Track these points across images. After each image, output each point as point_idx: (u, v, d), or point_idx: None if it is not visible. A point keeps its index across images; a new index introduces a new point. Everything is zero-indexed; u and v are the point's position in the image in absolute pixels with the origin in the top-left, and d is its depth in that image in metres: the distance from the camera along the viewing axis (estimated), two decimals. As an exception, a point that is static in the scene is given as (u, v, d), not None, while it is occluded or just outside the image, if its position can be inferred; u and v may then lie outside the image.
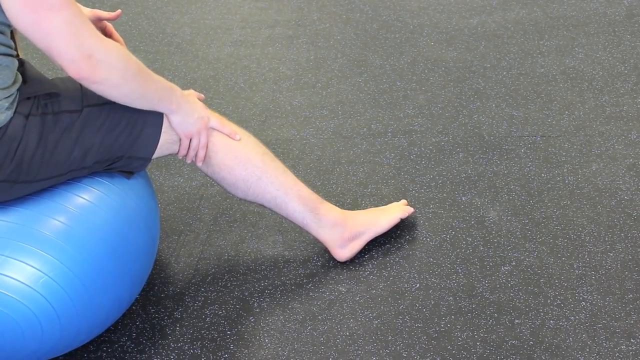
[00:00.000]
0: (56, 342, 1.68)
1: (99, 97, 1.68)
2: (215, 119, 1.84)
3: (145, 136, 1.74)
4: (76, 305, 1.65)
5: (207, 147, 1.83)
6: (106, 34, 1.97)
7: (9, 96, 1.60)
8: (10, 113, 1.59)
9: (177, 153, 1.83)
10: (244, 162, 1.86)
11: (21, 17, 1.48)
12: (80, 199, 1.69)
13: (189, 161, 1.85)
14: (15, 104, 1.61)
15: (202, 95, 1.91)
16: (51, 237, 1.61)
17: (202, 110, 1.81)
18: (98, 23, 1.95)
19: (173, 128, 1.78)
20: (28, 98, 1.62)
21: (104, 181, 1.74)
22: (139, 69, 1.64)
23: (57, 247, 1.61)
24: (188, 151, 1.82)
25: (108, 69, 1.56)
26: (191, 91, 1.86)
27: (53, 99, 1.65)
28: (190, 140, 1.81)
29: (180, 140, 1.80)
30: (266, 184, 1.89)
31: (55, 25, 1.48)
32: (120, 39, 2.00)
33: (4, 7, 1.49)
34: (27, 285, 1.59)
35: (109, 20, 1.96)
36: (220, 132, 1.84)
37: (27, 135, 1.60)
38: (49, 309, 1.62)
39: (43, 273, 1.60)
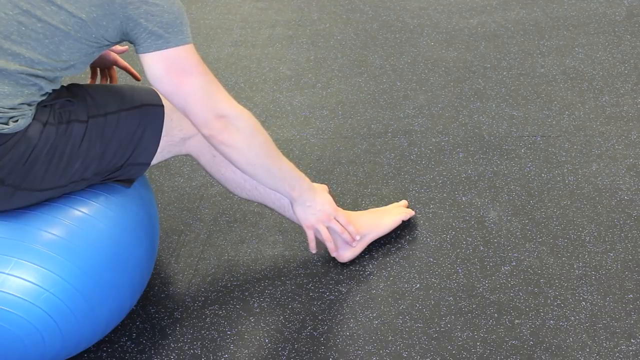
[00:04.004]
0: (58, 352, 1.69)
1: (103, 107, 1.70)
2: (343, 217, 1.92)
3: (144, 141, 1.75)
4: (77, 317, 1.65)
5: (346, 231, 1.93)
6: (110, 60, 2.06)
7: (33, 107, 1.62)
8: (30, 119, 1.61)
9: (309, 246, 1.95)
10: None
11: (164, 82, 1.61)
12: (79, 212, 1.69)
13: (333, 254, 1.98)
14: (34, 111, 1.63)
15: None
16: (51, 252, 1.61)
17: (327, 204, 1.89)
18: (109, 56, 2.04)
19: (296, 216, 1.89)
20: (45, 106, 1.64)
21: (103, 193, 1.74)
22: (266, 141, 1.73)
23: (56, 262, 1.61)
24: (327, 243, 1.93)
25: (236, 132, 1.66)
26: (324, 186, 1.93)
27: (66, 108, 1.67)
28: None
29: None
30: None
31: (192, 88, 1.61)
32: (126, 65, 2.08)
33: (148, 74, 1.61)
34: (29, 302, 1.60)
35: (114, 52, 2.04)
36: (345, 228, 1.93)
37: (41, 143, 1.61)
38: (51, 322, 1.62)
39: (44, 289, 1.60)
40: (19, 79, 1.56)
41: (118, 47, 2.03)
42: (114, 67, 2.07)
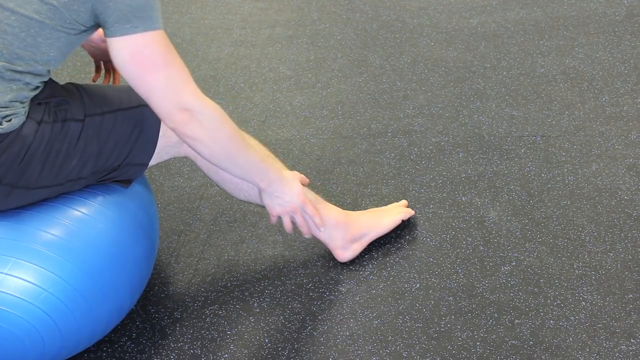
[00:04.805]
0: (57, 352, 1.69)
1: (100, 106, 1.69)
2: (310, 208, 1.88)
3: (142, 141, 1.74)
4: (76, 317, 1.65)
5: (306, 225, 1.90)
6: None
7: (25, 105, 1.62)
8: (23, 118, 1.60)
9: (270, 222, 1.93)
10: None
11: (127, 69, 1.57)
12: (78, 212, 1.69)
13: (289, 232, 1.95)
14: (28, 109, 1.62)
15: (307, 180, 1.93)
16: (50, 252, 1.61)
17: (294, 195, 1.86)
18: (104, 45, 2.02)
19: (264, 204, 1.86)
20: (39, 103, 1.64)
21: (101, 193, 1.74)
22: (231, 134, 1.69)
23: (56, 262, 1.61)
24: (286, 229, 1.90)
25: (200, 126, 1.63)
26: (295, 173, 1.90)
27: (62, 107, 1.66)
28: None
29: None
30: None
31: (157, 82, 1.57)
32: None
33: (114, 59, 1.57)
34: (28, 302, 1.60)
35: None
36: (311, 218, 1.89)
37: (37, 141, 1.61)
38: (50, 322, 1.62)
39: (43, 289, 1.60)
40: (4, 75, 1.55)
41: None
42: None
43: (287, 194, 1.85)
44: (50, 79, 1.71)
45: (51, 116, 1.64)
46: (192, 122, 1.62)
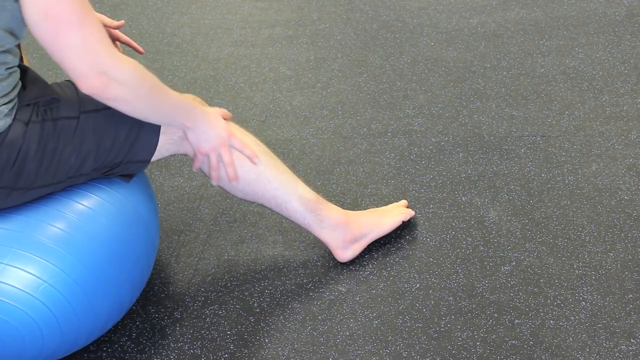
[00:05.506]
0: (57, 347, 1.68)
1: (96, 103, 1.68)
2: (237, 140, 1.82)
3: (143, 138, 1.74)
4: (76, 311, 1.65)
5: (233, 165, 1.82)
6: (112, 40, 2.00)
7: (8, 102, 1.59)
8: (9, 120, 1.58)
9: (194, 167, 1.85)
10: (243, 161, 1.86)
11: (40, 28, 1.50)
12: (80, 205, 1.68)
13: (215, 183, 1.85)
14: (14, 111, 1.60)
15: (230, 115, 1.89)
16: (51, 244, 1.61)
17: (220, 128, 1.80)
18: (109, 34, 1.98)
19: (190, 144, 1.79)
20: (27, 105, 1.62)
21: (103, 187, 1.74)
22: (152, 86, 1.64)
23: (56, 254, 1.61)
24: (212, 172, 1.82)
25: (120, 86, 1.57)
26: (216, 109, 1.85)
27: (52, 105, 1.65)
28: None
29: (195, 155, 1.81)
30: (265, 184, 1.89)
31: (71, 41, 1.50)
32: (128, 39, 2.02)
33: (25, 16, 1.51)
34: (27, 293, 1.59)
35: (111, 28, 1.99)
36: (241, 152, 1.83)
37: (27, 142, 1.60)
38: (49, 315, 1.62)
39: (43, 280, 1.60)
40: None
41: (114, 22, 1.99)
42: (118, 43, 2.03)
43: (213, 128, 1.79)
44: (41, 79, 1.70)
45: (40, 115, 1.62)
46: (112, 85, 1.56)
